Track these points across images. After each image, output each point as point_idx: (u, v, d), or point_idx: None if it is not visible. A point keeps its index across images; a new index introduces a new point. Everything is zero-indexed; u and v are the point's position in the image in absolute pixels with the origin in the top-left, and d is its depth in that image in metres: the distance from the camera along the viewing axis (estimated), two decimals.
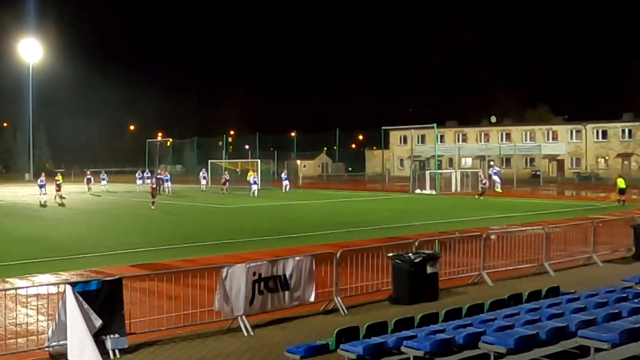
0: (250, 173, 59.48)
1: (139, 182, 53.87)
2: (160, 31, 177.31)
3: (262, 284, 11.28)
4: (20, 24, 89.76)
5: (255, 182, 47.08)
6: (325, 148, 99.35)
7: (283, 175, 52.85)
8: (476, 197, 41.97)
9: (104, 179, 54.21)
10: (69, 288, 9.48)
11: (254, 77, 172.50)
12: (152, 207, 34.00)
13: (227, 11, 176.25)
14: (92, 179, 52.40)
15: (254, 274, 11.19)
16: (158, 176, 53.38)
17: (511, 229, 21.85)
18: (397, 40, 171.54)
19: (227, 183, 52.70)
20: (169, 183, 50.26)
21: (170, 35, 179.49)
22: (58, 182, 41.42)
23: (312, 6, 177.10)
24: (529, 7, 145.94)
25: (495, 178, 43.98)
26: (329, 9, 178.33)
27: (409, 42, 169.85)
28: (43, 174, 41.39)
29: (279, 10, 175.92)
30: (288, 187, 52.23)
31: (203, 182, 54.82)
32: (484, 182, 43.91)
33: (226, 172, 58.10)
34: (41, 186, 39.58)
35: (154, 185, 36.02)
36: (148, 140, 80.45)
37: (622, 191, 35.55)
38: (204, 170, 57.46)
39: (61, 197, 40.28)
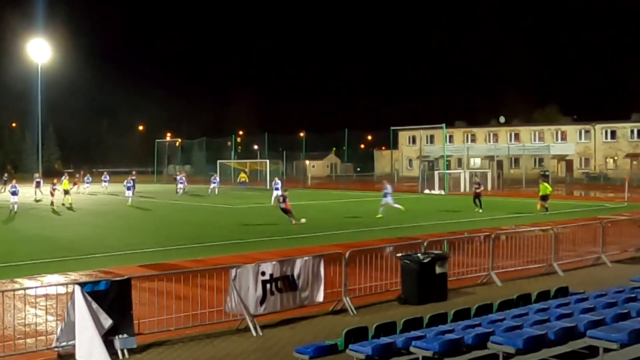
0: (243, 175, 59.03)
1: (104, 184, 52.93)
2: (170, 31, 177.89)
3: (272, 284, 11.30)
4: (29, 25, 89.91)
5: (277, 188, 37.82)
6: (334, 148, 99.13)
7: (212, 178, 49.42)
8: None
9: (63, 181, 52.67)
10: (77, 288, 9.51)
11: (263, 77, 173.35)
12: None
13: (237, 11, 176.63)
14: (41, 182, 47.61)
15: (264, 274, 11.21)
16: (177, 176, 52.43)
17: (520, 229, 21.79)
18: (407, 41, 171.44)
19: (182, 183, 50.70)
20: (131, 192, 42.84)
21: (179, 35, 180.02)
22: (55, 187, 39.65)
23: (320, 6, 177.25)
24: (538, 7, 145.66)
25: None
26: (338, 9, 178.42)
27: (418, 43, 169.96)
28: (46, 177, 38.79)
29: (287, 11, 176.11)
30: (216, 190, 49.21)
31: (180, 186, 51.17)
32: None
33: (180, 171, 56.62)
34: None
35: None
36: (157, 140, 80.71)
37: (544, 197, 32.44)
38: (179, 172, 56.48)
39: (64, 203, 39.16)
